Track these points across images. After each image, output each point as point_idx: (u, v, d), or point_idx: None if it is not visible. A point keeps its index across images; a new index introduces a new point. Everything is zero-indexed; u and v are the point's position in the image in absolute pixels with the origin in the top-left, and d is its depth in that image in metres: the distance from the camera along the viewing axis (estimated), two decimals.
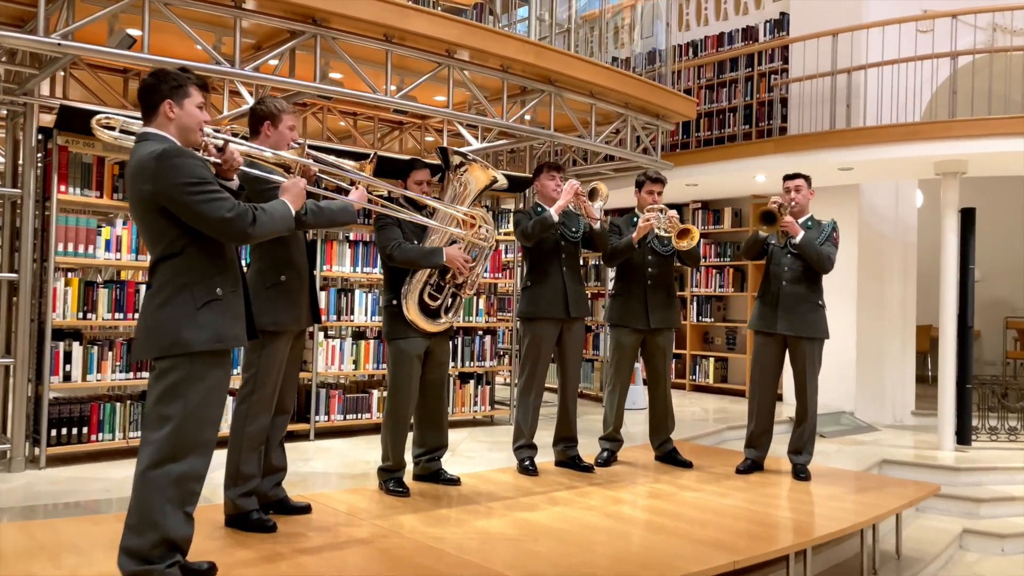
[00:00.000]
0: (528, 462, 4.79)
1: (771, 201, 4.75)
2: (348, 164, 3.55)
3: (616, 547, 3.50)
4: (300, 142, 3.43)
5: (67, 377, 4.74)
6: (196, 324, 2.65)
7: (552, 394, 5.07)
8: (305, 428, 5.78)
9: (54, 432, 4.67)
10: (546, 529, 3.70)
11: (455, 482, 4.43)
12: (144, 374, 4.85)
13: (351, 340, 5.98)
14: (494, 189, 5.46)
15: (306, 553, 3.24)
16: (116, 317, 4.89)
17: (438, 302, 4.19)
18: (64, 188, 4.70)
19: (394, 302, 4.18)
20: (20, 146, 4.77)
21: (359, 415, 6.00)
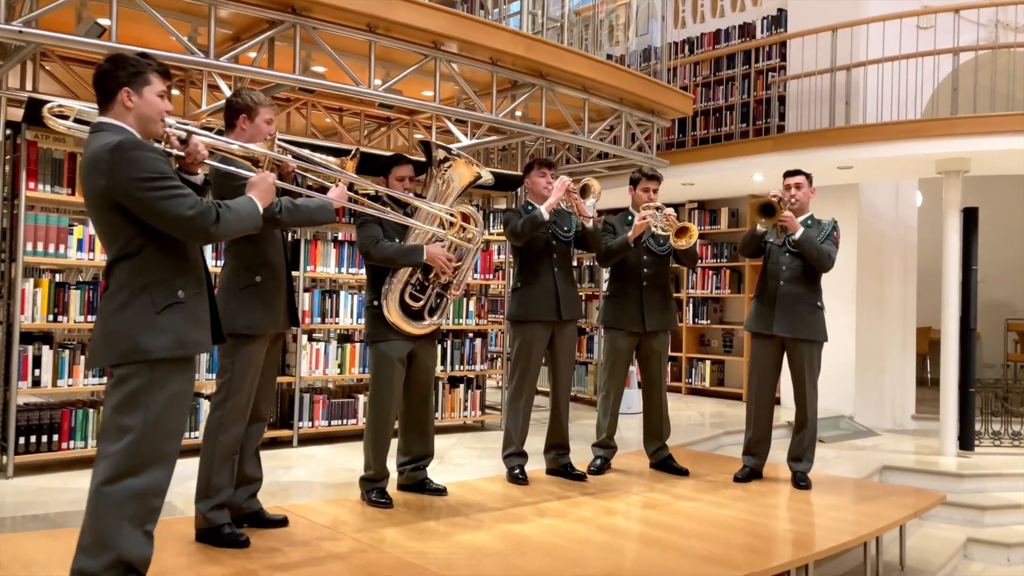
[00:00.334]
0: (518, 470, 4.61)
1: (771, 194, 4.60)
2: (326, 159, 3.37)
3: (608, 562, 3.33)
4: (270, 135, 3.25)
5: (36, 382, 4.55)
6: (156, 329, 2.46)
7: (544, 398, 4.89)
8: (288, 435, 5.58)
9: (22, 440, 4.47)
10: (535, 543, 3.52)
11: (441, 492, 4.25)
12: None
13: (336, 343, 5.79)
14: (485, 187, 5.29)
15: (280, 570, 3.07)
16: (89, 320, 4.68)
17: (421, 303, 4.01)
18: (33, 185, 4.51)
19: (375, 303, 4.00)
20: None
21: (344, 421, 5.81)
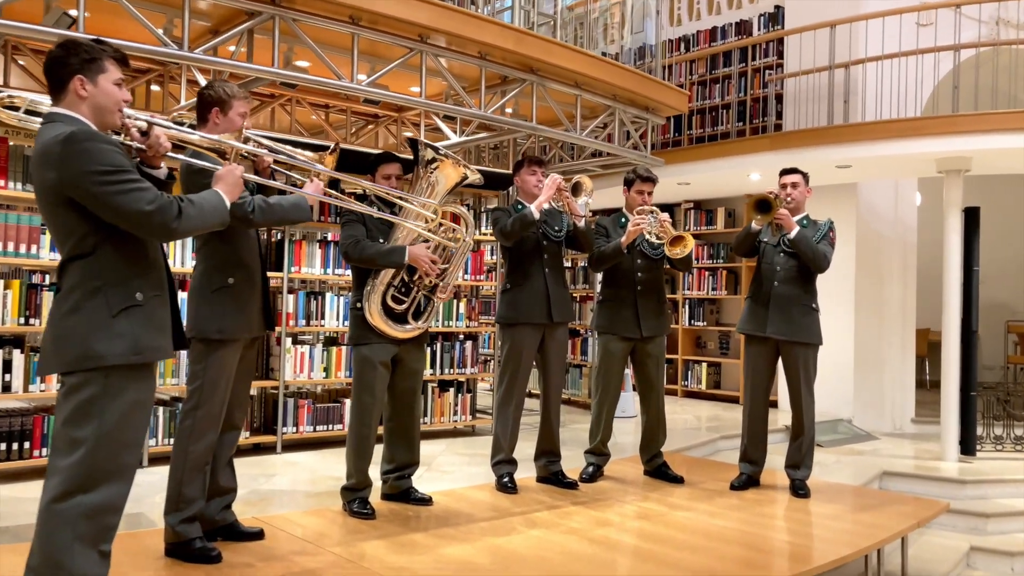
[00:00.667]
0: (507, 479, 4.45)
1: (767, 191, 4.48)
2: (303, 154, 3.21)
3: None
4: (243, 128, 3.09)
5: (7, 388, 4.38)
6: (111, 333, 2.29)
7: (535, 401, 4.73)
8: (271, 440, 5.41)
9: None
10: (523, 558, 3.36)
11: (427, 502, 4.09)
12: None
13: (321, 347, 5.62)
14: (474, 186, 5.12)
15: None
16: None
17: (404, 305, 3.84)
18: (3, 183, 4.34)
19: (358, 305, 3.84)
20: None
21: (330, 426, 5.64)
